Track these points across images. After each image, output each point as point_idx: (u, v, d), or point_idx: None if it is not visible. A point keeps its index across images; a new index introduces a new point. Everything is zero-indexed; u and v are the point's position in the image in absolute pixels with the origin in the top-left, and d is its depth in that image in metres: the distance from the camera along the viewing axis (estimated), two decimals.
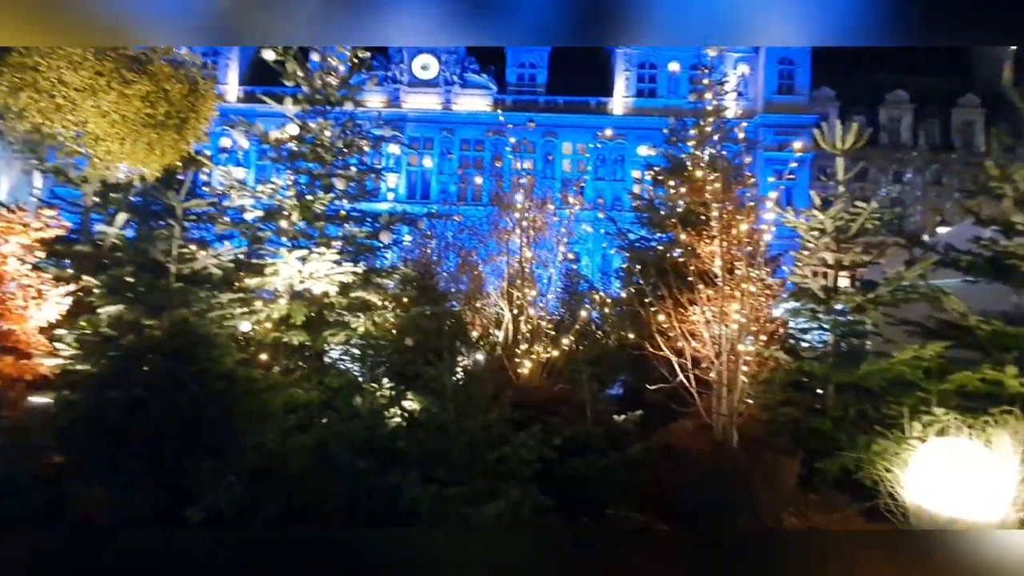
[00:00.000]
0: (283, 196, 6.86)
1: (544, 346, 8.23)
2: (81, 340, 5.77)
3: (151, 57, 6.12)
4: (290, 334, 6.75)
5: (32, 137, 6.04)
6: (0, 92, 5.59)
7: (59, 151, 6.29)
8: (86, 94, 5.66)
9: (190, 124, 6.43)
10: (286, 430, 6.00)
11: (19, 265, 5.60)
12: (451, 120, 26.04)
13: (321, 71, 7.06)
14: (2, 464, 4.63)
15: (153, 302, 5.78)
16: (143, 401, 5.48)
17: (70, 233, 6.29)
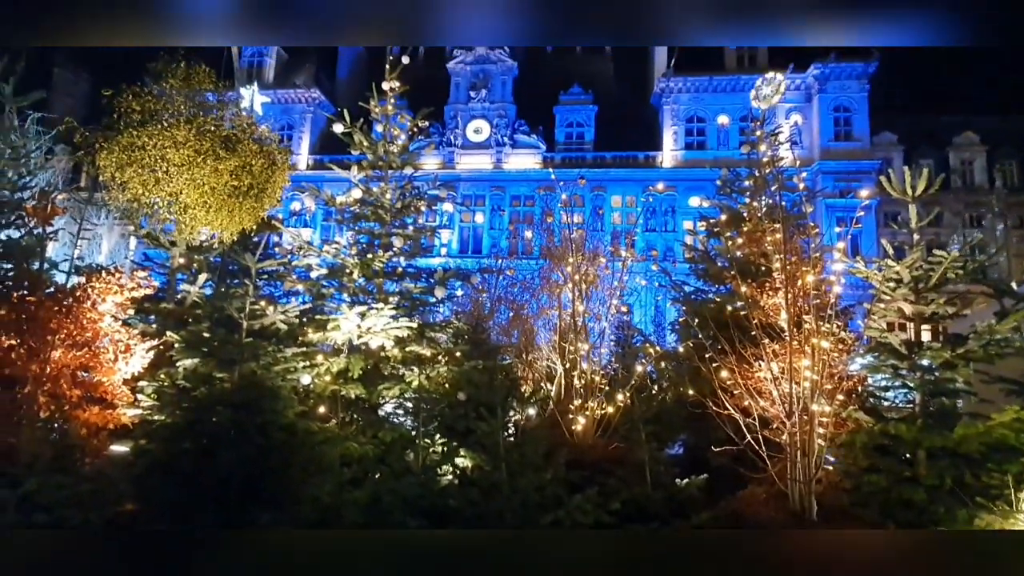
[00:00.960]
0: (345, 255, 7.26)
1: (598, 402, 7.99)
2: (159, 392, 6.15)
3: (240, 137, 6.85)
4: (347, 387, 6.93)
5: (131, 206, 6.80)
6: (109, 167, 6.39)
7: (152, 218, 7.02)
8: (183, 169, 6.37)
9: (267, 193, 7.05)
10: (341, 483, 6.04)
11: (112, 322, 6.14)
12: (502, 178, 27.04)
13: (383, 140, 7.61)
14: (81, 511, 4.87)
15: (226, 356, 6.12)
16: (212, 451, 5.71)
17: (157, 292, 6.90)
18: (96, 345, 5.91)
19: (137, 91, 6.91)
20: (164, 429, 5.75)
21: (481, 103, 27.77)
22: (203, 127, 6.67)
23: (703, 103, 26.55)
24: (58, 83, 32.23)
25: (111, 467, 5.50)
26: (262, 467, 5.80)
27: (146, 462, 5.55)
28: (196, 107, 6.98)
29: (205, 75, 7.29)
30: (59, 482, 4.75)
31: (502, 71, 28.08)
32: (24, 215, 6.54)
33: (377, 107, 7.59)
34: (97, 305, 5.84)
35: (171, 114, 6.68)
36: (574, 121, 27.87)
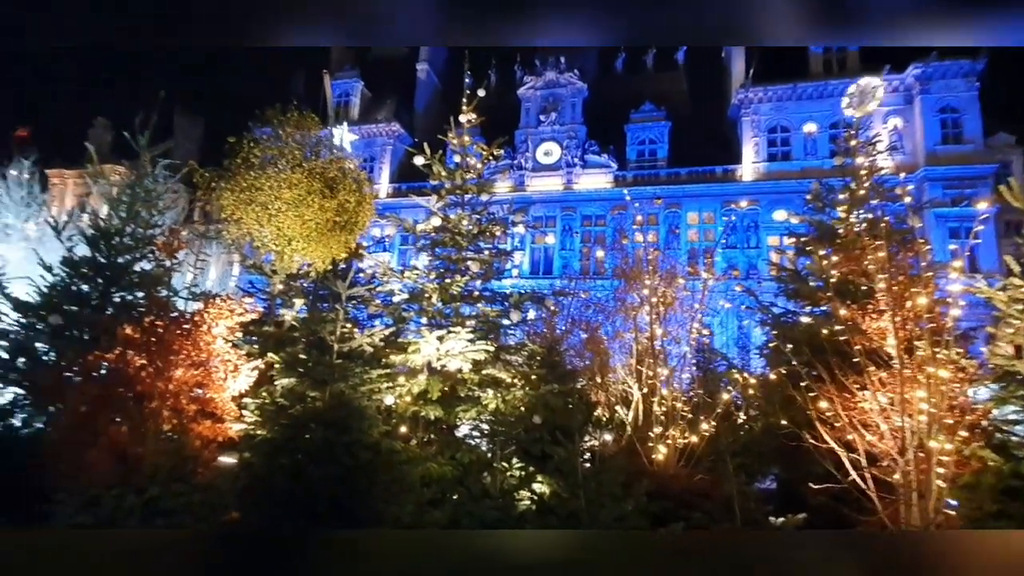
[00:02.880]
0: (425, 280, 7.58)
1: (680, 430, 7.64)
2: (261, 408, 6.67)
3: (341, 177, 7.48)
4: (427, 408, 7.14)
5: (242, 239, 7.56)
6: (230, 205, 7.18)
7: (260, 250, 7.75)
8: (293, 207, 7.05)
9: (357, 225, 7.57)
10: (421, 504, 6.20)
11: (223, 344, 6.78)
12: (573, 199, 27.09)
13: (460, 169, 7.93)
14: (193, 518, 5.36)
15: (318, 376, 6.55)
16: (304, 468, 6.09)
17: (261, 316, 7.56)
18: (210, 365, 6.54)
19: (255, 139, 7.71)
20: (265, 444, 6.21)
21: (551, 126, 28.10)
22: (313, 170, 7.35)
23: (786, 112, 25.17)
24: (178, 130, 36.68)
25: (220, 478, 6.00)
26: (348, 487, 6.08)
27: (249, 475, 6.00)
28: (305, 149, 7.69)
29: (312, 120, 8.03)
30: (176, 490, 5.26)
31: (571, 93, 28.32)
32: (155, 249, 7.46)
33: (455, 138, 7.94)
34: (211, 328, 6.49)
35: (286, 159, 7.41)
36: (646, 138, 27.43)
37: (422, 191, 26.31)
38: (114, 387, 6.17)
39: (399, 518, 5.58)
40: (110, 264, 7.80)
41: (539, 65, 28.55)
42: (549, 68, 28.30)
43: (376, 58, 35.91)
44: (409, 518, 5.65)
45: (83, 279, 7.60)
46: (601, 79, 30.01)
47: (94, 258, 7.67)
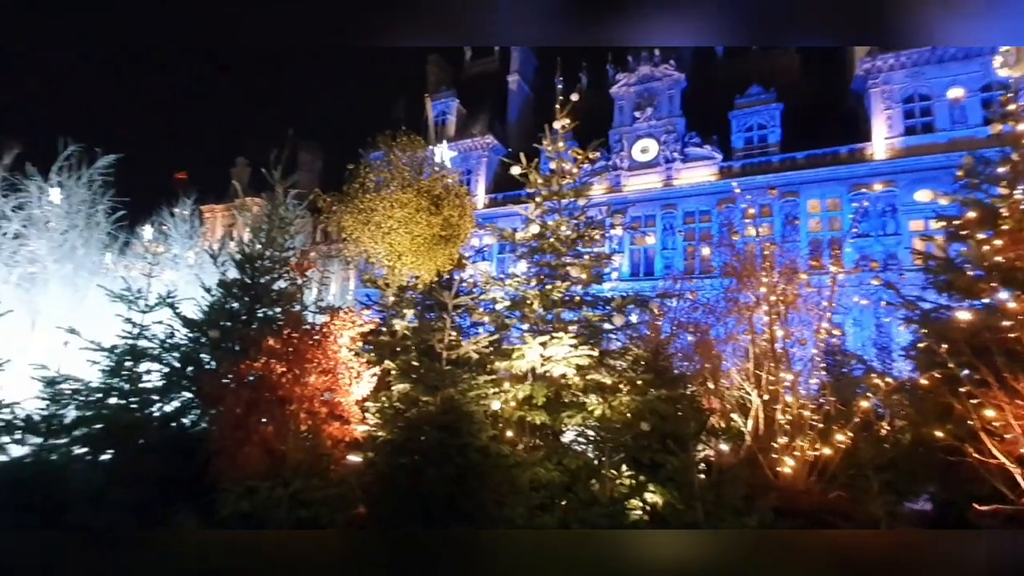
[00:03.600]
0: (526, 287, 7.72)
1: (809, 441, 6.95)
2: (381, 411, 7.21)
3: (445, 194, 7.96)
4: (532, 413, 7.23)
5: (360, 257, 8.29)
6: (348, 227, 7.94)
7: (374, 265, 8.44)
8: (403, 224, 7.63)
9: (459, 237, 7.96)
10: (531, 508, 6.28)
11: (347, 352, 7.44)
12: (673, 196, 25.96)
13: (556, 175, 7.99)
14: (329, 510, 5.92)
15: (430, 382, 6.93)
16: (421, 468, 6.47)
17: (378, 326, 8.22)
18: (336, 371, 7.22)
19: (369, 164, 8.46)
20: (385, 445, 6.69)
21: (647, 122, 27.19)
22: (421, 189, 7.91)
23: (925, 78, 22.03)
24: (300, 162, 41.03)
25: (350, 474, 6.58)
26: (461, 486, 6.35)
27: (374, 473, 6.50)
28: (413, 170, 8.29)
29: (418, 142, 8.62)
30: (315, 484, 5.85)
31: (668, 86, 27.18)
32: (289, 270, 8.43)
33: (549, 145, 8.02)
34: (337, 339, 7.16)
35: (396, 181, 8.05)
36: (754, 124, 25.49)
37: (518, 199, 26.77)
38: (261, 392, 7.04)
39: (512, 520, 5.70)
40: (254, 284, 8.93)
41: (631, 61, 27.81)
42: (643, 62, 27.46)
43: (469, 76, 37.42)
44: (521, 521, 5.75)
45: (234, 298, 8.78)
46: (700, 66, 28.49)
47: (242, 279, 8.84)
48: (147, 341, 8.44)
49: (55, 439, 7.51)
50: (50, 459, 7.25)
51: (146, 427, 7.55)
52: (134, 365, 8.18)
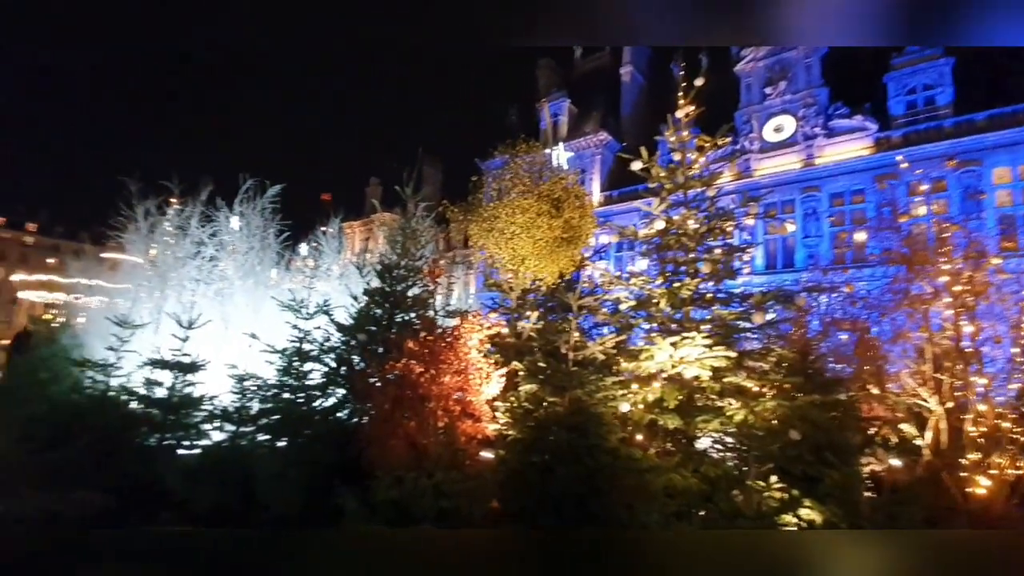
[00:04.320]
0: (652, 286, 7.43)
1: (1009, 457, 5.75)
2: (511, 411, 7.43)
3: (565, 197, 8.03)
4: (663, 417, 6.94)
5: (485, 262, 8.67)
6: (474, 234, 8.36)
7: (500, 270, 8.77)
8: (525, 229, 7.86)
9: (580, 238, 7.94)
10: (666, 515, 6.02)
11: (476, 354, 7.81)
12: (816, 176, 23.19)
13: (681, 167, 7.58)
14: (468, 502, 6.25)
15: (557, 382, 6.98)
16: (551, 467, 6.56)
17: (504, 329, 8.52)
18: (467, 372, 7.60)
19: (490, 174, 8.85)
20: (516, 443, 6.88)
21: (780, 97, 24.72)
22: (541, 193, 8.08)
23: None
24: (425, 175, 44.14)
25: (485, 470, 6.88)
26: (591, 486, 6.31)
27: (506, 469, 6.72)
28: (532, 175, 8.50)
29: (536, 147, 8.82)
30: (454, 477, 6.22)
31: (804, 55, 24.46)
32: (422, 277, 9.10)
33: (672, 136, 7.64)
34: (467, 341, 7.54)
35: (517, 188, 8.32)
36: (917, 85, 21.89)
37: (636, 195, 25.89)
38: (403, 390, 7.67)
39: (646, 526, 5.52)
40: (392, 291, 9.77)
41: None
42: None
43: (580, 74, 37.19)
44: (656, 528, 5.55)
45: (376, 304, 9.68)
46: None
47: (382, 288, 9.71)
48: (309, 344, 9.66)
49: (244, 427, 8.89)
50: (240, 444, 8.60)
51: (311, 419, 8.63)
52: (300, 365, 9.41)
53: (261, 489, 7.48)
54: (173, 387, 9.10)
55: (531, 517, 6.31)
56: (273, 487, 7.38)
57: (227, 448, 8.37)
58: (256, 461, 8.21)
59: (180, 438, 8.95)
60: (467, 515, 6.14)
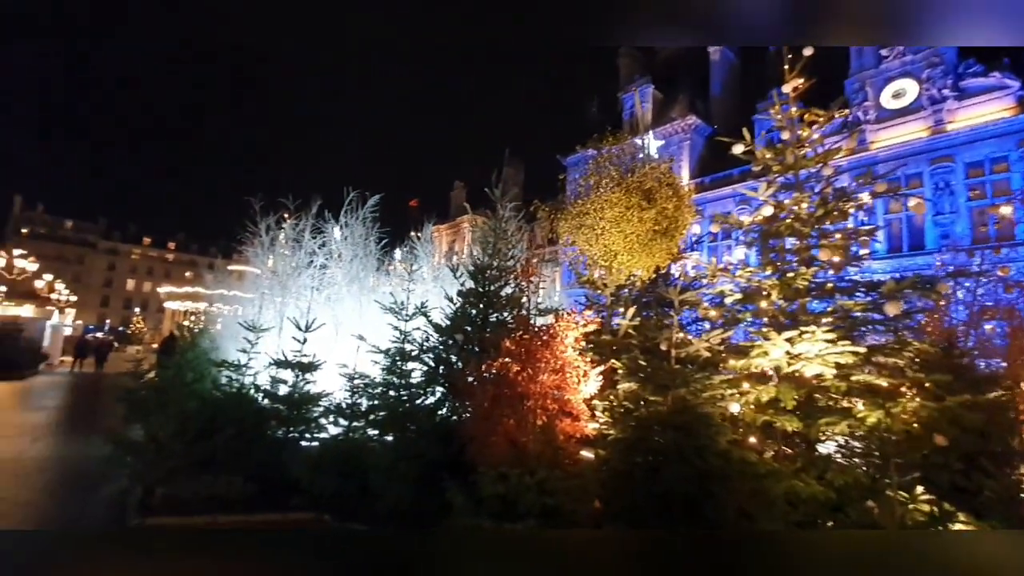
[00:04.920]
0: (761, 277, 6.91)
1: None
2: (610, 410, 7.29)
3: (657, 187, 7.74)
4: (781, 418, 6.44)
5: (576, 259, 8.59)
6: (564, 231, 8.31)
7: (592, 266, 8.64)
8: (615, 224, 7.67)
9: (678, 230, 7.58)
10: (789, 524, 5.58)
11: (572, 352, 7.74)
12: (947, 145, 20.33)
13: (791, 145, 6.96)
14: (571, 501, 6.21)
15: (658, 381, 6.74)
16: (656, 467, 6.34)
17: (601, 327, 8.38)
18: (564, 371, 7.56)
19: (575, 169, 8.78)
20: (617, 443, 6.73)
21: (899, 59, 22.06)
22: (630, 186, 7.86)
23: None
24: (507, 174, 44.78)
25: (587, 469, 6.82)
26: (701, 488, 6.00)
27: (608, 469, 6.60)
28: (621, 168, 8.29)
29: (623, 138, 8.60)
30: (557, 476, 6.21)
31: None
32: (515, 277, 9.21)
33: (777, 113, 7.04)
34: (564, 339, 7.50)
35: (605, 181, 8.16)
36: None
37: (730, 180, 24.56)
38: (501, 388, 7.81)
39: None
40: (486, 292, 9.98)
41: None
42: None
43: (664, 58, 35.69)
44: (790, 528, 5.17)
45: (471, 305, 9.94)
46: None
47: (476, 288, 9.96)
48: (410, 344, 10.16)
49: (356, 422, 9.54)
50: (353, 438, 9.23)
51: (416, 416, 9.07)
52: (402, 364, 9.93)
53: (375, 480, 7.99)
54: (295, 385, 9.99)
55: (638, 518, 6.15)
56: (385, 479, 7.84)
57: (342, 441, 9.02)
58: (368, 454, 8.78)
59: (302, 431, 9.79)
60: (571, 513, 6.11)
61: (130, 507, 7.52)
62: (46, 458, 10.82)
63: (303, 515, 7.77)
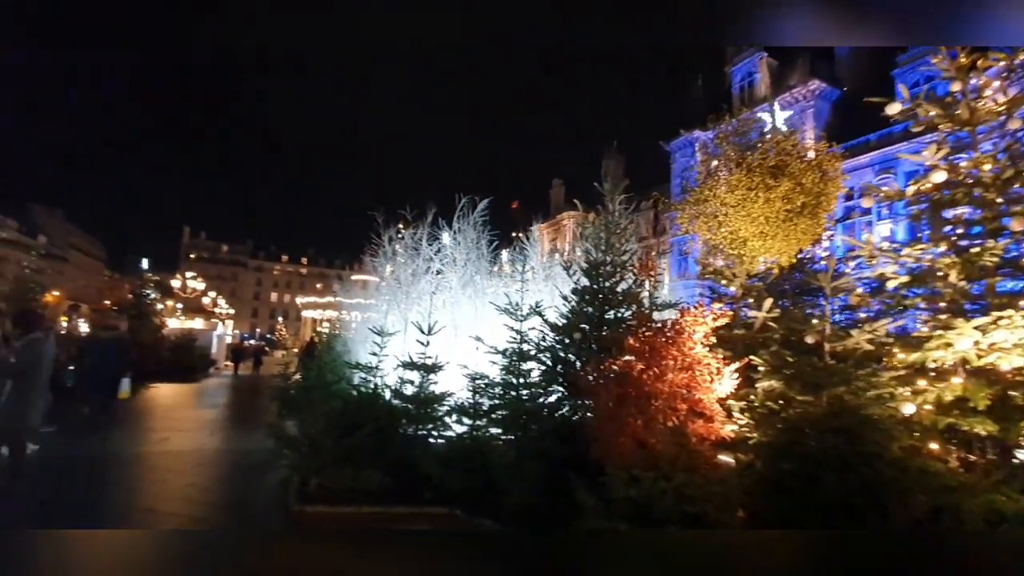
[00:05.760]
0: (932, 254, 5.89)
1: None
2: (750, 410, 6.69)
3: (787, 160, 6.98)
4: (969, 421, 5.44)
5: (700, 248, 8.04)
6: (683, 221, 7.82)
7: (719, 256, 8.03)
8: (738, 208, 7.04)
9: (822, 206, 6.75)
10: None
11: (701, 348, 7.24)
12: None
13: (964, 99, 5.86)
14: (714, 509, 5.78)
15: (809, 379, 6.04)
16: (815, 475, 5.68)
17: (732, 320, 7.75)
18: (694, 368, 7.09)
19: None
20: (762, 447, 6.16)
21: None
22: (751, 166, 7.19)
23: None
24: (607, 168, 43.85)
25: (729, 474, 6.32)
26: (869, 500, 5.27)
27: (753, 475, 6.06)
28: (741, 149, 7.63)
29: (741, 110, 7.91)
30: (696, 481, 5.82)
31: None
32: (633, 271, 8.86)
33: (943, 60, 5.95)
34: (692, 335, 7.04)
35: (722, 164, 7.57)
36: None
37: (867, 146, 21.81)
38: (626, 388, 7.53)
39: None
40: (600, 288, 9.73)
41: None
42: None
43: None
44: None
45: (586, 303, 9.76)
46: None
47: (591, 286, 9.75)
48: (526, 344, 10.23)
49: (478, 421, 9.80)
50: (477, 436, 9.48)
51: (537, 415, 9.09)
52: (520, 364, 10.02)
53: (501, 478, 8.12)
54: (421, 385, 10.53)
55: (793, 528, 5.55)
56: (512, 477, 7.94)
57: (467, 439, 9.31)
58: (492, 452, 8.96)
59: (429, 429, 10.28)
60: (715, 523, 5.69)
61: (290, 495, 8.40)
62: (220, 449, 12.56)
63: (437, 509, 8.11)
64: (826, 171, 6.83)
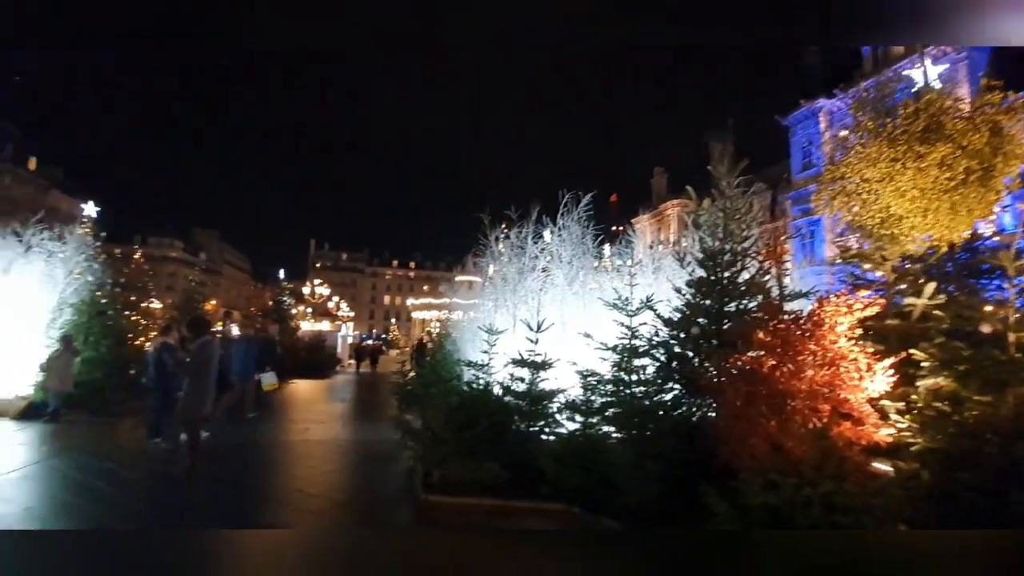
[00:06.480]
0: None
1: None
2: (910, 412, 5.86)
3: (942, 121, 5.99)
4: None
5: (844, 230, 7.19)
6: (819, 203, 7.05)
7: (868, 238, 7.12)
8: (884, 183, 6.18)
9: (996, 171, 5.69)
10: None
11: (846, 342, 6.46)
12: None
13: None
14: (872, 520, 5.13)
15: (988, 376, 5.15)
16: (998, 490, 4.83)
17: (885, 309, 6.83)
18: (837, 364, 6.35)
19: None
20: (930, 454, 5.37)
21: None
22: (892, 134, 6.28)
23: None
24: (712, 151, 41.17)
25: (890, 484, 5.58)
26: None
27: (919, 486, 5.30)
28: (881, 112, 6.71)
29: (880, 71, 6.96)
30: (848, 490, 5.21)
31: None
32: (758, 259, 8.18)
33: None
34: (834, 327, 6.32)
35: (859, 135, 6.70)
36: None
37: None
38: (755, 386, 6.96)
39: None
40: (719, 279, 9.12)
41: None
42: None
43: None
44: None
45: (704, 295, 9.20)
46: None
47: (708, 277, 9.18)
48: (637, 340, 9.90)
49: (590, 418, 9.66)
50: (590, 434, 9.36)
51: (655, 413, 8.76)
52: (632, 361, 9.72)
53: (618, 477, 7.93)
54: (531, 382, 10.64)
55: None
56: (630, 476, 7.72)
57: (580, 436, 9.23)
58: (608, 450, 8.78)
59: (541, 426, 10.35)
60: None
61: (416, 484, 8.93)
62: (351, 439, 13.74)
63: (554, 505, 8.14)
64: (1000, 127, 5.68)
